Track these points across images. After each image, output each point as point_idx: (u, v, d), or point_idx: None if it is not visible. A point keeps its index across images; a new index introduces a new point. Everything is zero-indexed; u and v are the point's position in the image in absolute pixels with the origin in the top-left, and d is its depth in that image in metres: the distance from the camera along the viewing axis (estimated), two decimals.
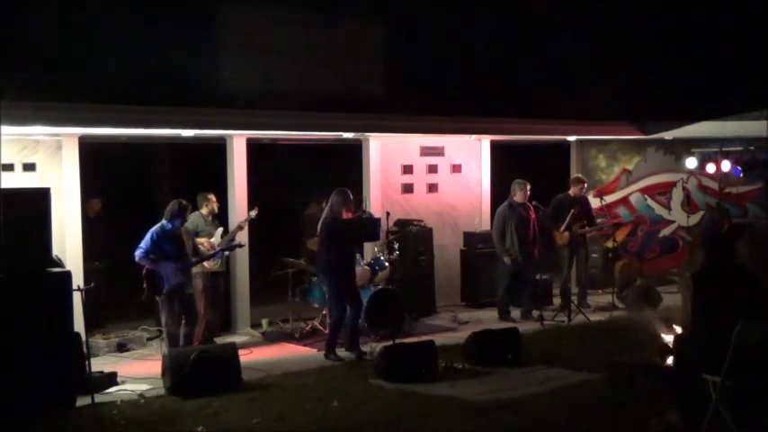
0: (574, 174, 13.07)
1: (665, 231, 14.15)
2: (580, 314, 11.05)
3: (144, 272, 8.48)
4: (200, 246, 9.37)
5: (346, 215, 9.26)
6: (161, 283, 8.42)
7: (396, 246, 10.90)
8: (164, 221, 8.58)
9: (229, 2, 10.63)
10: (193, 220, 9.58)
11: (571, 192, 11.90)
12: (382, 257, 10.69)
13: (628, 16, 13.22)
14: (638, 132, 13.69)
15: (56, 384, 7.24)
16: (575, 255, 11.73)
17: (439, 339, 9.36)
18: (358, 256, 10.08)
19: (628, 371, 7.20)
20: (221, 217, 10.31)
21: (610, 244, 12.74)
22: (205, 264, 9.44)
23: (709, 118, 13.10)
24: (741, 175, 13.12)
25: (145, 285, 8.50)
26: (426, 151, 12.52)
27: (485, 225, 12.51)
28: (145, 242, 8.48)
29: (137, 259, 8.48)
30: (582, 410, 6.98)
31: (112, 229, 11.24)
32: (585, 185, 12.10)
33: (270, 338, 10.37)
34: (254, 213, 10.05)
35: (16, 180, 9.11)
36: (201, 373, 7.63)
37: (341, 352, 9.19)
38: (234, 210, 10.67)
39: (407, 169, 12.33)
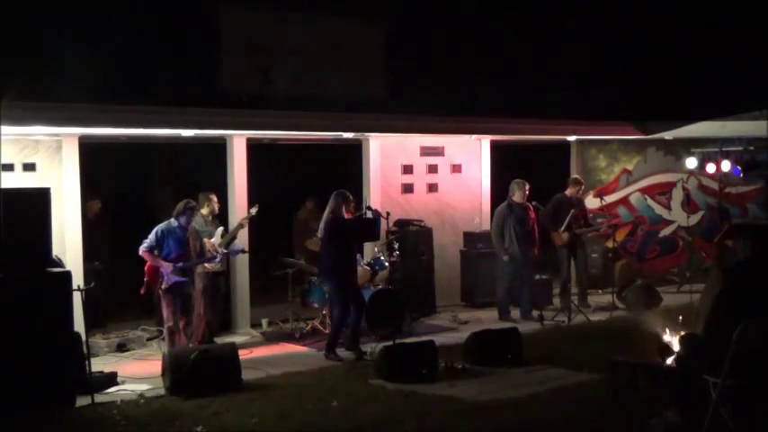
0: (573, 174, 13.07)
1: (665, 231, 14.16)
2: (580, 314, 11.05)
3: (145, 267, 8.70)
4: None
5: (347, 215, 9.27)
6: (160, 279, 8.63)
7: (396, 246, 10.89)
8: (171, 219, 8.82)
9: (229, 1, 10.63)
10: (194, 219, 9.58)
11: (568, 192, 11.91)
12: (382, 257, 10.69)
13: (628, 16, 13.23)
14: (638, 132, 13.69)
15: (56, 384, 7.23)
16: (573, 255, 11.74)
17: (439, 339, 9.36)
18: (358, 256, 10.08)
19: (628, 371, 7.20)
20: (221, 217, 10.32)
21: (610, 244, 12.73)
22: (206, 264, 9.46)
23: (709, 118, 13.10)
24: (741, 175, 13.12)
25: (145, 279, 8.72)
26: (426, 151, 12.52)
27: (485, 225, 12.50)
28: (149, 237, 8.73)
29: (140, 252, 8.71)
30: (582, 410, 6.97)
31: (112, 229, 11.24)
32: (583, 187, 12.12)
33: (270, 338, 10.36)
34: (254, 211, 10.06)
35: (16, 180, 9.11)
36: (201, 373, 7.63)
37: (341, 352, 9.19)
38: (234, 210, 10.66)
39: (407, 169, 12.32)
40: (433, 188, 12.58)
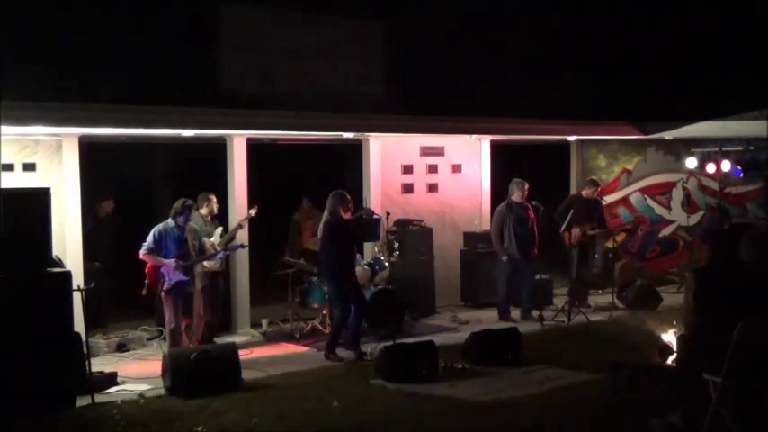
0: (574, 174, 13.07)
1: (665, 231, 14.17)
2: (580, 314, 11.05)
3: (146, 268, 8.72)
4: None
5: (345, 215, 9.27)
6: (162, 280, 8.64)
7: (396, 246, 10.89)
8: (168, 219, 8.84)
9: (229, 1, 10.63)
10: (193, 219, 9.58)
11: (584, 193, 11.93)
12: (382, 257, 10.69)
13: (628, 16, 13.22)
14: (638, 132, 13.69)
15: (56, 384, 7.23)
16: (583, 255, 11.72)
17: (439, 339, 9.36)
18: (358, 256, 10.08)
19: (628, 371, 7.20)
20: (221, 217, 10.32)
21: (610, 244, 12.73)
22: (205, 263, 9.47)
23: (709, 118, 13.10)
24: (741, 175, 13.13)
25: (147, 280, 8.74)
26: (426, 151, 12.52)
27: (485, 225, 12.50)
28: (148, 239, 8.74)
29: (141, 256, 8.73)
30: (582, 410, 6.98)
31: (113, 229, 11.23)
32: (599, 188, 12.10)
33: (270, 338, 10.37)
34: (253, 212, 10.07)
35: (16, 180, 9.11)
36: (201, 373, 7.63)
37: (341, 352, 9.19)
38: (234, 210, 10.67)
39: (407, 169, 12.32)
40: (433, 188, 12.58)
